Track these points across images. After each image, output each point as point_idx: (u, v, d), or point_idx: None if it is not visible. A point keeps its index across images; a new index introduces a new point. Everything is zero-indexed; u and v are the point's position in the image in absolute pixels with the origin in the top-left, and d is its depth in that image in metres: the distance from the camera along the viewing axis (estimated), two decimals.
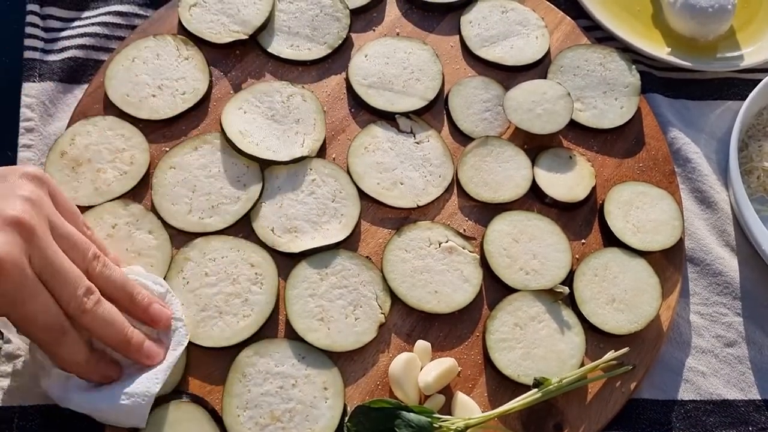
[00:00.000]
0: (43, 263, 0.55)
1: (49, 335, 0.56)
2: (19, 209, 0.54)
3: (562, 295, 0.72)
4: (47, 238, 0.56)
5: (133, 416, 0.61)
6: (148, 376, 0.62)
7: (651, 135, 0.84)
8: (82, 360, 0.59)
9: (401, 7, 0.90)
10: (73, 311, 0.57)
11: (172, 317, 0.65)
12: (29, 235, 0.54)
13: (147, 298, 0.63)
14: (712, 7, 0.88)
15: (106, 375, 0.61)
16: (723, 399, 0.72)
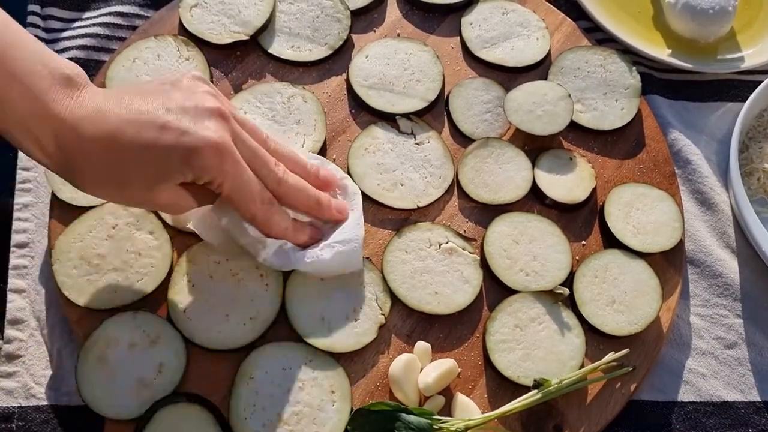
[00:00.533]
0: (242, 145, 0.60)
1: (262, 208, 0.62)
2: (212, 101, 0.59)
3: (563, 297, 0.72)
4: (237, 124, 0.61)
5: (351, 261, 0.68)
6: (349, 224, 0.69)
7: (651, 136, 0.84)
8: (290, 225, 0.65)
9: (402, 8, 0.90)
10: (272, 184, 0.63)
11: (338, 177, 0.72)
12: (227, 121, 0.59)
13: (315, 166, 0.70)
14: (713, 8, 0.88)
15: (312, 236, 0.68)
16: (723, 401, 0.72)
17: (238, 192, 0.60)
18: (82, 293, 0.68)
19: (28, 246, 0.73)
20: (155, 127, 0.55)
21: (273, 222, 0.64)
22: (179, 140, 0.55)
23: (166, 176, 0.57)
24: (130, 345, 0.66)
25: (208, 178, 0.58)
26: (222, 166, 0.57)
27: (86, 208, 0.72)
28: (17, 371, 0.67)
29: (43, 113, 0.53)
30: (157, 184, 0.57)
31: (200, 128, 0.56)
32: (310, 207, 0.67)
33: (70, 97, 0.55)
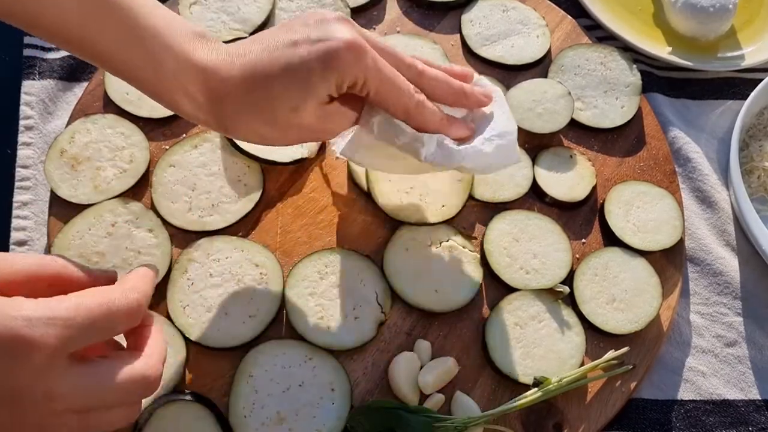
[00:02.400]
0: (374, 46, 0.58)
1: (414, 98, 0.59)
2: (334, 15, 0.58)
3: (563, 295, 0.72)
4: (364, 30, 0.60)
5: (510, 154, 0.64)
6: (500, 119, 0.65)
7: (652, 134, 0.84)
8: (444, 117, 0.62)
9: (402, 5, 0.90)
10: (414, 77, 0.60)
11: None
12: (354, 26, 0.58)
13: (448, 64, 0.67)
14: (713, 6, 0.88)
15: (468, 126, 0.65)
16: (723, 399, 0.72)
17: (385, 85, 0.58)
18: None
19: (27, 244, 0.73)
20: (286, 45, 0.56)
21: (427, 113, 0.61)
22: (313, 48, 0.55)
23: (309, 89, 0.56)
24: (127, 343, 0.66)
25: (351, 79, 0.56)
26: (362, 62, 0.56)
27: (85, 206, 0.72)
28: None
29: (188, 64, 0.56)
30: (303, 101, 0.56)
31: (333, 32, 0.56)
32: (456, 96, 0.64)
33: (207, 47, 0.58)
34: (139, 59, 0.56)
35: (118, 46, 0.56)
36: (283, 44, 0.56)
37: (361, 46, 0.55)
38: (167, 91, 0.58)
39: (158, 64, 0.56)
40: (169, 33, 0.57)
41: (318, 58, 0.55)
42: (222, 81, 0.56)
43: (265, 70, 0.56)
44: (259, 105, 0.57)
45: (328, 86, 0.56)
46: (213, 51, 0.58)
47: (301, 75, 0.55)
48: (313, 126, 0.59)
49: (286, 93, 0.56)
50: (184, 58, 0.57)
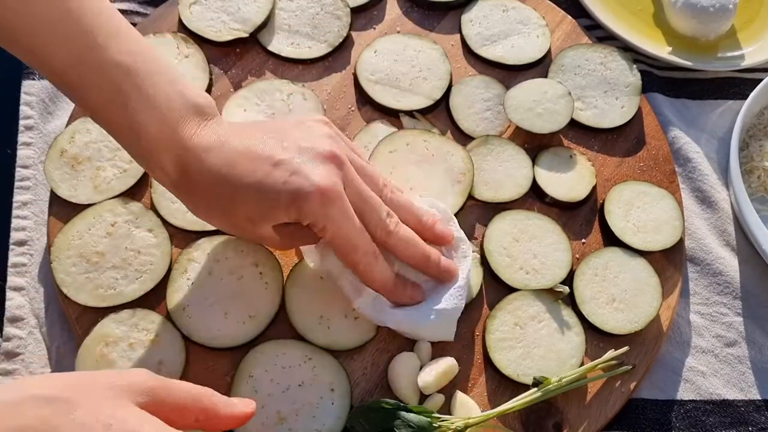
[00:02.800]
0: (354, 192, 0.60)
1: (365, 258, 0.61)
2: (329, 145, 0.60)
3: (562, 295, 0.72)
4: (353, 170, 0.61)
5: (443, 331, 0.67)
6: (451, 293, 0.66)
7: (651, 134, 0.84)
8: (390, 281, 0.64)
9: (402, 5, 0.90)
10: (380, 235, 0.62)
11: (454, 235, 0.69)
12: (341, 167, 0.59)
13: (432, 218, 0.68)
14: (714, 6, 0.88)
15: (412, 296, 0.66)
16: (723, 399, 0.72)
17: (341, 240, 0.60)
18: (81, 291, 0.68)
19: (27, 244, 0.73)
20: (269, 163, 0.57)
21: (374, 275, 0.63)
22: (288, 180, 0.57)
23: (270, 213, 0.58)
24: (129, 343, 0.66)
25: (311, 221, 0.58)
26: (327, 211, 0.57)
27: (85, 206, 0.72)
28: (16, 369, 0.67)
29: (172, 139, 0.57)
30: (262, 220, 0.59)
31: (311, 171, 0.57)
32: (419, 260, 0.65)
33: (198, 126, 0.59)
34: (119, 119, 0.57)
35: (103, 101, 0.57)
36: (266, 159, 0.57)
37: (333, 195, 0.57)
38: (141, 154, 0.59)
39: (138, 130, 0.57)
40: (166, 107, 0.57)
41: (288, 192, 0.57)
42: (198, 165, 0.58)
43: (238, 175, 0.57)
44: (222, 202, 0.59)
45: (287, 217, 0.58)
46: (202, 134, 0.58)
47: (267, 198, 0.57)
48: (268, 238, 0.62)
49: (249, 206, 0.58)
50: (170, 133, 0.57)
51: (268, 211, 0.58)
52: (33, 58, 0.57)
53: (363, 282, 0.64)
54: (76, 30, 0.56)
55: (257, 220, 0.59)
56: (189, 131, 0.58)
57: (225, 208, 0.59)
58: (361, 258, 0.61)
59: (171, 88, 0.58)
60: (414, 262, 0.65)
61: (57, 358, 0.68)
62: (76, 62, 0.56)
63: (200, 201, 0.60)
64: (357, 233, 0.60)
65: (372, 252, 0.61)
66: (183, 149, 0.57)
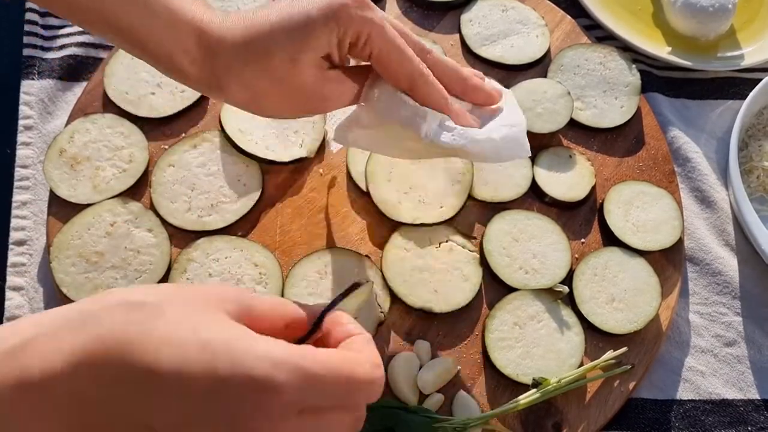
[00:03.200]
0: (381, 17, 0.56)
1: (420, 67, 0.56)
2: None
3: (562, 295, 0.72)
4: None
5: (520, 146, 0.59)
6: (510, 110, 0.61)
7: (651, 134, 0.84)
8: (448, 98, 0.58)
9: (401, 5, 0.90)
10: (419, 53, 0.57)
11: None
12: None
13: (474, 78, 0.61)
14: (713, 6, 0.88)
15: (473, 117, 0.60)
16: (722, 398, 0.72)
17: (390, 46, 0.55)
18: (80, 291, 0.68)
19: (26, 243, 0.73)
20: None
21: (431, 87, 0.57)
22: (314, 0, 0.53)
23: (309, 38, 0.53)
24: None
25: (354, 33, 0.53)
26: (368, 16, 0.53)
27: (84, 206, 0.72)
28: None
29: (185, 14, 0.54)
30: (302, 52, 0.53)
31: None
32: (464, 85, 0.60)
33: (205, 5, 0.56)
34: (133, 9, 0.54)
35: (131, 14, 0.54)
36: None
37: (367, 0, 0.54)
38: (160, 43, 0.55)
39: (152, 15, 0.54)
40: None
41: (321, 7, 0.53)
42: (220, 30, 0.54)
43: (264, 18, 0.53)
44: (257, 54, 0.54)
45: (329, 38, 0.53)
46: (211, 8, 0.56)
47: (302, 22, 0.53)
48: (310, 88, 0.56)
49: (286, 41, 0.53)
50: (179, 8, 0.54)
51: (307, 38, 0.53)
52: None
53: (422, 102, 0.57)
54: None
55: (298, 55, 0.53)
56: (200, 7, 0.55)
57: (262, 59, 0.54)
58: (415, 67, 0.56)
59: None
60: (460, 85, 0.60)
61: None
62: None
63: (233, 65, 0.54)
64: (400, 37, 0.55)
65: (420, 72, 0.56)
66: (201, 20, 0.54)
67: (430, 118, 0.57)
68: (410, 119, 0.57)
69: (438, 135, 0.57)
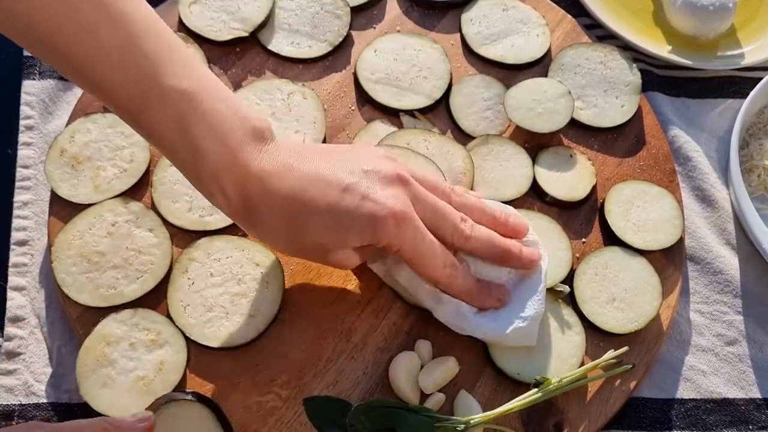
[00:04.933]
0: (424, 206, 0.60)
1: (444, 272, 0.61)
2: (391, 167, 0.60)
3: (563, 294, 0.72)
4: (418, 185, 0.61)
5: (527, 337, 0.65)
6: (533, 300, 0.65)
7: (651, 133, 0.84)
8: (474, 288, 0.64)
9: (402, 5, 0.90)
10: (458, 241, 0.62)
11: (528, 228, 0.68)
12: (407, 185, 0.60)
13: (504, 213, 0.68)
14: (713, 5, 0.88)
15: (499, 297, 0.65)
16: (723, 397, 0.73)
17: (419, 258, 0.60)
18: (81, 291, 0.68)
19: (27, 244, 0.73)
20: (339, 188, 0.57)
21: (457, 285, 0.63)
22: (360, 205, 0.57)
23: (343, 239, 0.58)
24: (130, 343, 0.66)
25: (385, 244, 0.58)
26: (401, 233, 0.57)
27: (86, 206, 0.72)
28: (17, 369, 0.67)
29: (233, 165, 0.57)
30: (334, 244, 0.59)
31: (382, 195, 0.57)
32: (501, 254, 0.65)
33: (259, 150, 0.58)
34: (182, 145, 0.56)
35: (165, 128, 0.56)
36: (336, 184, 0.57)
37: (405, 217, 0.57)
38: (203, 180, 0.58)
39: (200, 156, 0.56)
40: (225, 131, 0.56)
41: (361, 216, 0.57)
42: (263, 191, 0.57)
43: (308, 202, 0.57)
44: (291, 229, 0.58)
45: (360, 241, 0.58)
46: (264, 158, 0.57)
47: (340, 224, 0.57)
48: (335, 261, 0.61)
49: (320, 233, 0.58)
50: (232, 158, 0.56)
51: (342, 236, 0.58)
52: (98, 90, 0.55)
53: (446, 292, 0.64)
54: (139, 55, 0.54)
55: (330, 245, 0.59)
56: (251, 156, 0.57)
57: (294, 234, 0.59)
58: (441, 272, 0.61)
59: (231, 112, 0.57)
60: (496, 256, 0.65)
61: (58, 357, 0.68)
62: (139, 89, 0.54)
63: (265, 227, 0.59)
64: (433, 250, 0.60)
65: (450, 264, 0.62)
66: (246, 174, 0.57)
67: (446, 302, 0.64)
68: (428, 302, 0.65)
69: (449, 318, 0.65)
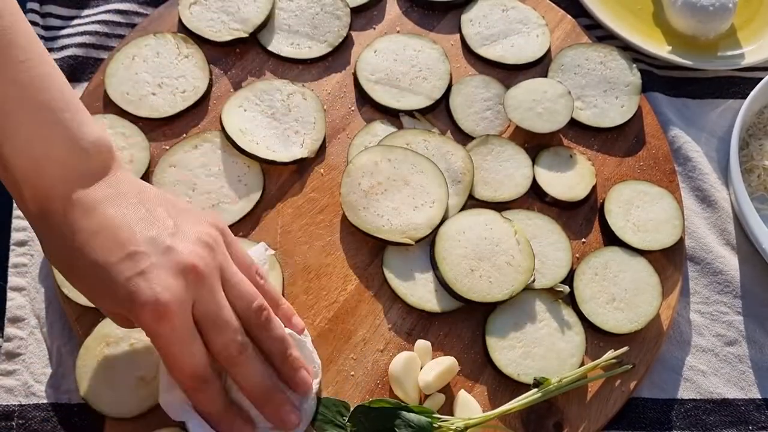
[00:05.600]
0: (205, 311, 0.55)
1: (193, 382, 0.56)
2: (195, 254, 0.55)
3: (563, 294, 0.72)
4: (216, 286, 0.56)
5: None
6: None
7: (651, 134, 0.84)
8: (219, 410, 0.58)
9: (402, 5, 0.90)
10: (224, 361, 0.57)
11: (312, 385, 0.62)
12: (199, 282, 0.55)
13: (298, 361, 0.61)
14: (713, 5, 0.88)
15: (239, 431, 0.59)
16: (723, 398, 0.72)
17: (166, 358, 0.55)
18: None
19: (27, 244, 0.73)
20: (124, 251, 0.53)
21: (200, 399, 0.57)
22: (131, 278, 0.53)
23: (102, 300, 0.56)
24: (130, 343, 0.66)
25: (138, 325, 0.54)
26: (157, 328, 0.53)
27: None
28: (17, 369, 0.67)
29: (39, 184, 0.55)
30: (97, 300, 0.57)
31: (158, 280, 0.53)
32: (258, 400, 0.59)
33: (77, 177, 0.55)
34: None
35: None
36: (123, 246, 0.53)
37: (168, 314, 0.52)
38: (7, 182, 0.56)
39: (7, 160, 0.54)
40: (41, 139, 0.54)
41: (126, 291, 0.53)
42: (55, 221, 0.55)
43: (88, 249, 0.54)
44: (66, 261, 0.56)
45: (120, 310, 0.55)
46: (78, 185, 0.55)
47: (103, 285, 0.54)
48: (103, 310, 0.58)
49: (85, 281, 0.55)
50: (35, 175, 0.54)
51: (101, 297, 0.56)
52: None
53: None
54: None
55: (94, 298, 0.57)
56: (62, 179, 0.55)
57: (68, 269, 0.56)
58: (186, 381, 0.56)
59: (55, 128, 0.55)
60: (254, 398, 0.59)
61: (58, 358, 0.68)
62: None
63: (50, 248, 0.56)
64: (187, 357, 0.54)
65: (203, 378, 0.56)
66: (48, 196, 0.55)
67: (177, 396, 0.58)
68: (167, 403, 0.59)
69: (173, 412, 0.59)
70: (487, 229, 0.73)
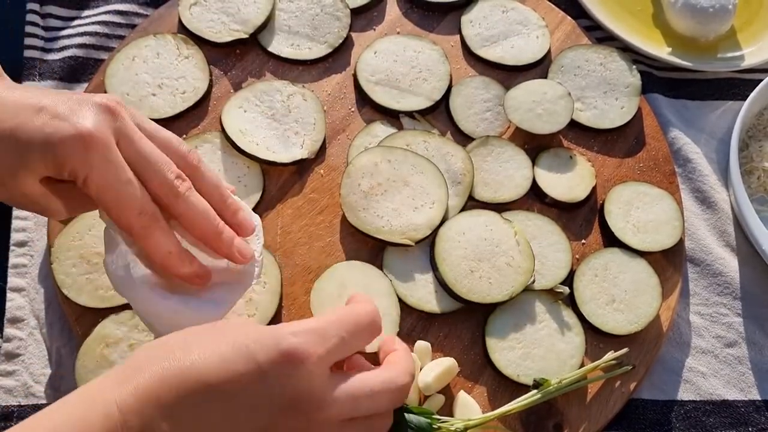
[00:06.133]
0: (130, 144, 0.53)
1: (140, 219, 0.53)
2: (108, 98, 0.54)
3: (562, 295, 0.72)
4: (132, 126, 0.54)
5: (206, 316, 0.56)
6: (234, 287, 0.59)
7: (651, 135, 0.84)
8: (174, 250, 0.55)
9: (402, 6, 0.90)
10: (166, 196, 0.54)
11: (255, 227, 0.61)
12: (116, 118, 0.53)
13: (236, 204, 0.60)
14: (713, 6, 0.88)
15: (198, 273, 0.57)
16: (723, 399, 0.72)
17: (107, 193, 0.52)
18: (81, 292, 0.68)
19: (27, 245, 0.73)
20: (32, 109, 0.52)
21: (153, 240, 0.54)
22: (47, 123, 0.51)
23: (25, 162, 0.52)
24: (129, 344, 0.66)
25: (68, 171, 0.51)
26: (87, 157, 0.51)
27: None
28: (17, 370, 0.67)
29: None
30: (19, 170, 0.52)
31: (75, 116, 0.52)
32: (210, 234, 0.57)
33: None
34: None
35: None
36: (31, 106, 0.52)
37: (95, 140, 0.51)
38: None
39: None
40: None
41: (42, 135, 0.51)
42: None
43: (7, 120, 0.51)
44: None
45: (44, 167, 0.52)
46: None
47: (19, 144, 0.51)
48: (28, 195, 0.54)
49: (8, 154, 0.52)
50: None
51: (22, 159, 0.51)
52: None
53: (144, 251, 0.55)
54: None
55: (15, 171, 0.52)
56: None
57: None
58: (136, 219, 0.53)
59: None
60: (205, 233, 0.57)
61: (57, 358, 0.68)
62: None
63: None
64: (127, 187, 0.52)
65: (150, 213, 0.53)
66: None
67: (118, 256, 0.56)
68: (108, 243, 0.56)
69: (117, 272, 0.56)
70: (487, 230, 0.73)
